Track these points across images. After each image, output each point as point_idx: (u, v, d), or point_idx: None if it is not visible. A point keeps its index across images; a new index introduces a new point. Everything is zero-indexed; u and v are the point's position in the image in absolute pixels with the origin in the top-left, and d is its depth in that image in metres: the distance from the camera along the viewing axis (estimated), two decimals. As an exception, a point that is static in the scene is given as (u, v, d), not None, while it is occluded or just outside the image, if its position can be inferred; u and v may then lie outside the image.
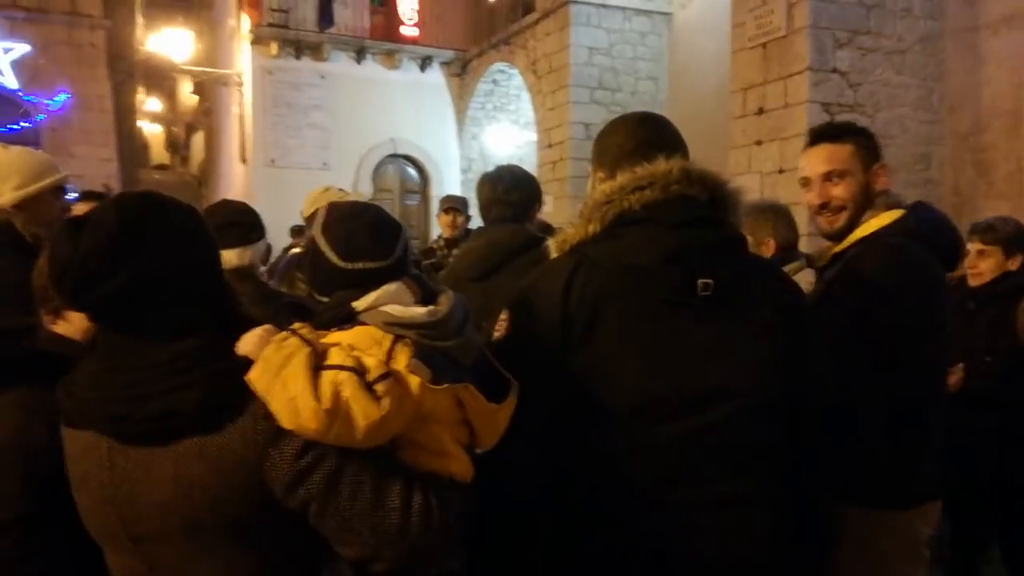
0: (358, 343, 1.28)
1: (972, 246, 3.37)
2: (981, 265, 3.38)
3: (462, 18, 14.29)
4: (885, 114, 7.56)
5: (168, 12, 26.70)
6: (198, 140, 25.89)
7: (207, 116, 21.78)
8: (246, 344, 1.26)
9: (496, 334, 1.59)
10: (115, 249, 1.19)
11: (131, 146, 24.39)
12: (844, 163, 2.13)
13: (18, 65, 17.52)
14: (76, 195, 12.18)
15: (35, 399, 1.47)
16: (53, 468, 1.35)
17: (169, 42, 14.69)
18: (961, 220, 7.47)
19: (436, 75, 14.51)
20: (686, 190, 1.52)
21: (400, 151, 14.38)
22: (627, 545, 1.48)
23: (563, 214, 10.05)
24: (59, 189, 2.50)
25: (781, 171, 7.56)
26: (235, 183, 15.20)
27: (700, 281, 1.48)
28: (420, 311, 1.34)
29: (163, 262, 1.23)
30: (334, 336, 1.31)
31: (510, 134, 14.54)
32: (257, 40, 13.23)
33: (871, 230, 2.09)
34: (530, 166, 13.20)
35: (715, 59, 9.75)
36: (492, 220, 2.64)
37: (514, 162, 14.40)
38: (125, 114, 22.47)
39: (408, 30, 14.09)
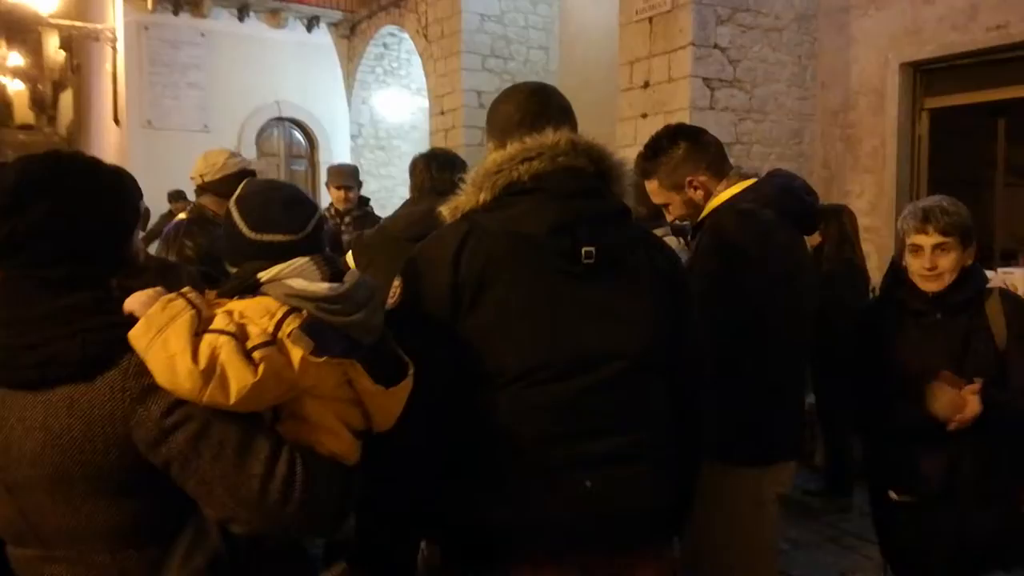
0: (249, 311, 1.32)
1: (923, 239, 2.44)
2: (942, 263, 2.45)
3: (350, -22, 13.92)
4: (762, 90, 7.87)
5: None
6: (67, 99, 24.34)
7: (76, 73, 20.49)
8: (133, 302, 1.29)
9: (390, 301, 1.62)
10: (41, 184, 1.25)
11: (-10, 103, 22.74)
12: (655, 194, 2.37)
13: None
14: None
15: None
16: None
17: (33, -8, 13.68)
18: (831, 193, 7.97)
19: (324, 36, 14.11)
20: (573, 161, 1.58)
21: (286, 114, 13.95)
22: (510, 506, 1.54)
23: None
24: None
25: (665, 143, 7.78)
26: (108, 146, 14.41)
27: (584, 249, 1.55)
28: (322, 286, 1.37)
29: (78, 207, 1.28)
30: (230, 304, 1.33)
31: (402, 100, 14.35)
32: (131, -7, 12.51)
33: (724, 199, 2.26)
34: (423, 133, 13.09)
35: (605, 31, 9.88)
36: (430, 191, 2.72)
37: (405, 128, 14.31)
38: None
39: (294, -11, 13.61)
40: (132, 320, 1.26)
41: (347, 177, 5.05)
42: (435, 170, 2.68)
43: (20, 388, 1.25)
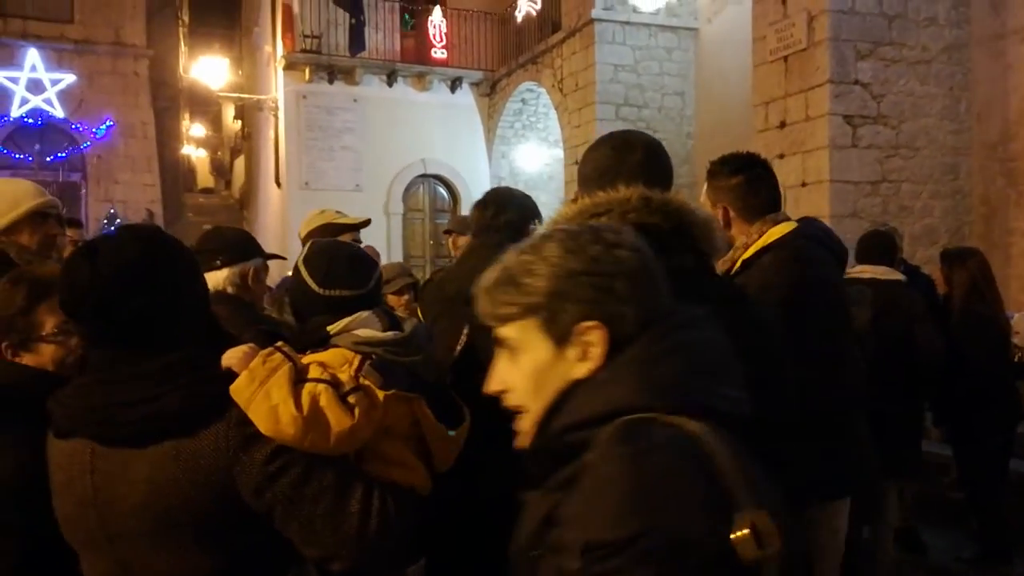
0: (330, 362, 1.42)
1: None
2: None
3: (490, 39, 14.44)
4: (910, 125, 7.46)
5: (210, 40, 27.44)
6: (240, 164, 26.45)
7: (247, 140, 22.25)
8: (231, 357, 1.37)
9: (458, 348, 1.65)
10: (135, 276, 1.31)
11: (175, 171, 25.08)
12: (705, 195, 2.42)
13: (65, 95, 18.13)
14: (117, 220, 12.43)
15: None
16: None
17: (207, 69, 15.07)
18: (992, 231, 7.40)
19: (466, 96, 14.66)
20: (644, 218, 1.54)
21: (430, 171, 14.54)
22: None
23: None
24: (41, 215, 2.57)
25: (804, 184, 7.50)
26: (271, 206, 15.50)
27: None
28: (387, 334, 1.50)
29: (172, 290, 1.36)
30: (309, 357, 1.42)
31: (539, 152, 14.62)
32: (291, 66, 13.52)
33: (774, 237, 2.26)
34: (559, 183, 13.26)
35: (741, 73, 9.72)
36: (480, 244, 2.68)
37: (543, 179, 14.55)
38: (168, 140, 23.12)
39: (438, 52, 14.27)
40: (226, 375, 1.33)
41: (453, 223, 5.39)
42: (490, 216, 2.63)
43: (121, 445, 1.32)
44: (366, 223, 3.31)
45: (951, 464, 4.72)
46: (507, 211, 2.68)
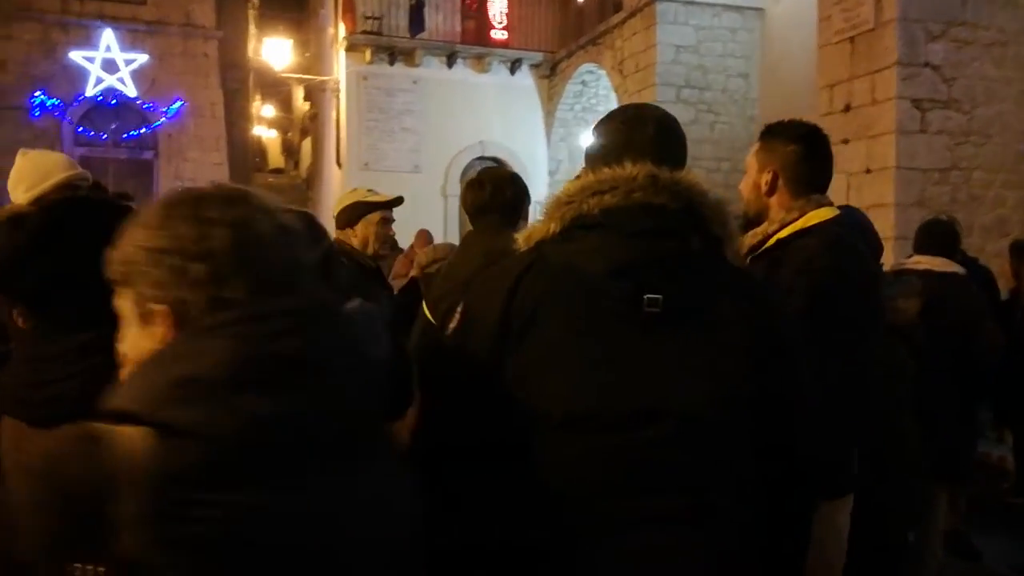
0: None
1: None
2: None
3: (551, 20, 14.29)
4: (984, 110, 7.09)
5: (279, 23, 27.81)
6: (307, 145, 26.82)
7: (314, 122, 22.54)
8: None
9: (451, 326, 1.59)
10: (36, 246, 1.26)
11: (244, 151, 25.57)
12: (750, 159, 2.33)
13: (137, 74, 18.62)
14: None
15: None
16: None
17: (272, 50, 15.29)
18: (1068, 223, 6.98)
19: (525, 77, 14.55)
20: (651, 198, 1.44)
21: (488, 153, 14.48)
22: (550, 562, 1.43)
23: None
24: (71, 187, 2.60)
25: (868, 171, 7.21)
26: (333, 186, 15.68)
27: (647, 296, 1.41)
28: None
29: (76, 263, 1.30)
30: None
31: (600, 135, 14.42)
32: (352, 47, 13.61)
33: (814, 221, 2.15)
34: (619, 167, 13.03)
35: (808, 55, 9.37)
36: (481, 227, 2.62)
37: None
38: (238, 121, 23.55)
39: (498, 34, 14.19)
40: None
41: None
42: (488, 196, 2.54)
43: (37, 426, 1.32)
44: (398, 201, 3.28)
45: (1008, 467, 4.49)
46: (504, 191, 2.62)
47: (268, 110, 35.06)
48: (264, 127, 35.18)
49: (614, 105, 12.91)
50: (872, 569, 3.05)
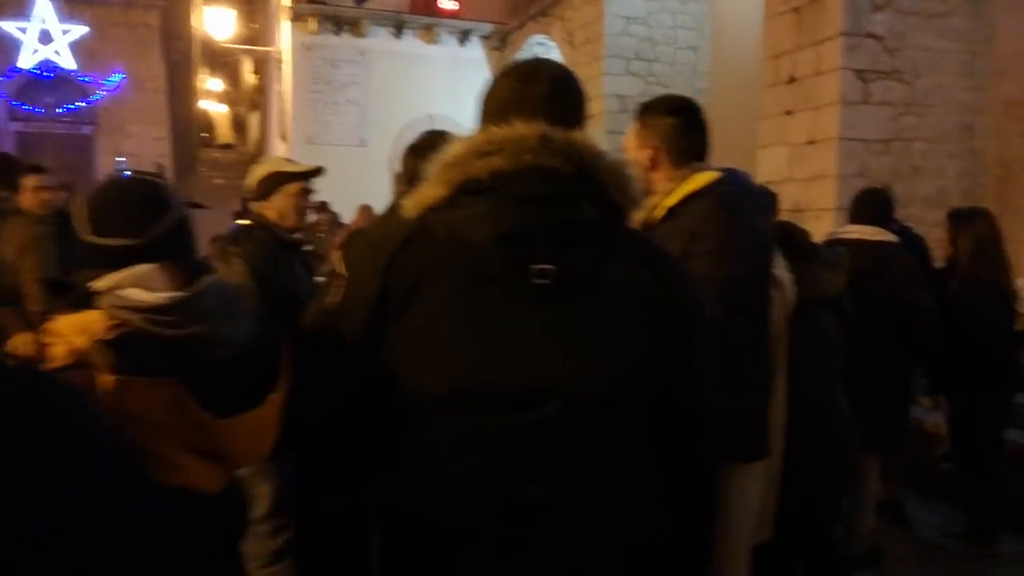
0: (66, 329, 1.17)
1: None
2: None
3: (501, -10, 14.08)
4: (926, 81, 7.11)
5: (227, -8, 27.08)
6: (254, 119, 26.26)
7: (261, 95, 22.05)
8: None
9: (329, 299, 1.46)
10: None
11: (189, 125, 24.94)
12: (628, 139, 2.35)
13: (76, 46, 18.01)
14: (127, 173, 12.32)
15: None
16: None
17: (215, 21, 14.83)
18: (1007, 193, 7.07)
19: (475, 49, 14.33)
20: (543, 160, 1.32)
21: (437, 127, 14.23)
22: (428, 547, 1.33)
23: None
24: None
25: (811, 142, 7.20)
26: (279, 160, 15.34)
27: (535, 267, 1.30)
28: (157, 296, 1.23)
29: None
30: (59, 321, 1.20)
31: (551, 108, 14.28)
32: (296, 17, 13.26)
33: (700, 184, 2.18)
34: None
35: (757, 27, 9.35)
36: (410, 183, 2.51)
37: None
38: (182, 94, 22.95)
39: (447, 4, 13.95)
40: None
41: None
42: (418, 159, 2.44)
43: None
44: (317, 172, 3.13)
45: (943, 434, 4.52)
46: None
47: (215, 83, 34.23)
48: (213, 101, 34.39)
49: (565, 78, 12.70)
50: (803, 539, 3.04)
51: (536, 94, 1.42)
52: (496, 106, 1.44)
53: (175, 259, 1.31)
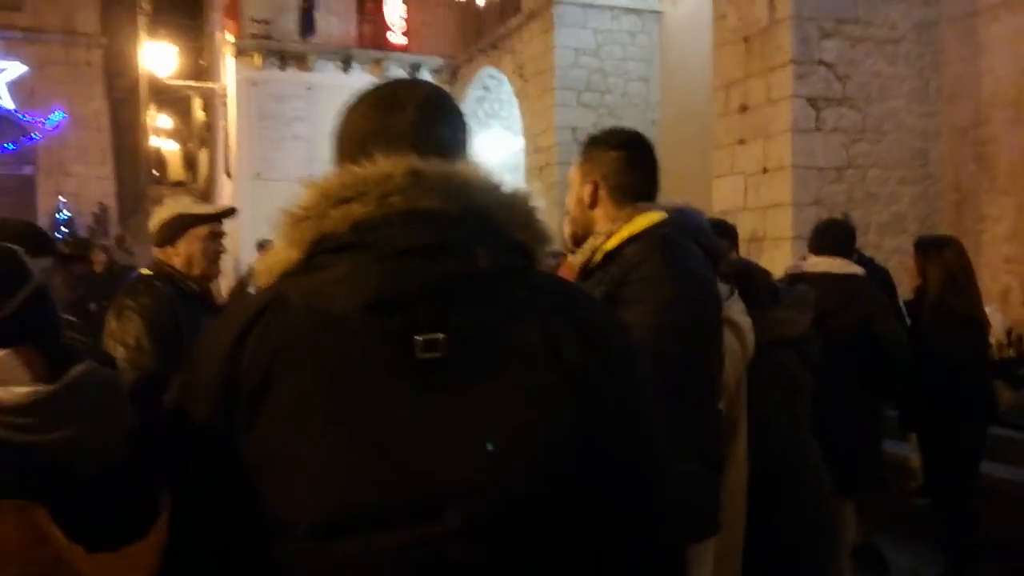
0: None
1: None
2: None
3: (450, 24, 13.94)
4: (878, 107, 7.06)
5: (173, 29, 26.61)
6: (204, 155, 25.79)
7: (209, 131, 21.64)
8: None
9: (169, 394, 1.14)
10: None
11: (135, 164, 24.33)
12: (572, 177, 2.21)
13: (14, 85, 17.51)
14: (66, 214, 11.83)
15: None
16: None
17: (157, 57, 14.46)
18: (963, 218, 6.99)
19: (426, 83, 14.15)
20: (416, 202, 1.02)
21: (389, 162, 14.01)
22: None
23: (552, 222, 9.55)
24: None
25: (765, 170, 7.08)
26: (224, 198, 14.92)
27: (420, 337, 1.01)
28: (15, 391, 0.93)
29: None
30: None
31: (503, 140, 14.13)
32: (241, 52, 12.97)
33: (641, 227, 1.99)
34: (523, 173, 12.79)
35: (706, 57, 9.31)
36: None
37: (508, 169, 14.07)
38: (128, 132, 22.40)
39: (396, 38, 13.76)
40: None
41: None
42: None
43: None
44: (228, 212, 2.82)
45: (914, 467, 4.32)
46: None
47: (165, 120, 33.63)
48: (163, 138, 33.74)
49: (518, 110, 12.69)
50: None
51: (401, 121, 1.11)
52: (352, 140, 1.14)
53: (35, 342, 1.01)
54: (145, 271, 2.74)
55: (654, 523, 1.18)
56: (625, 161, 2.08)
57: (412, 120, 1.11)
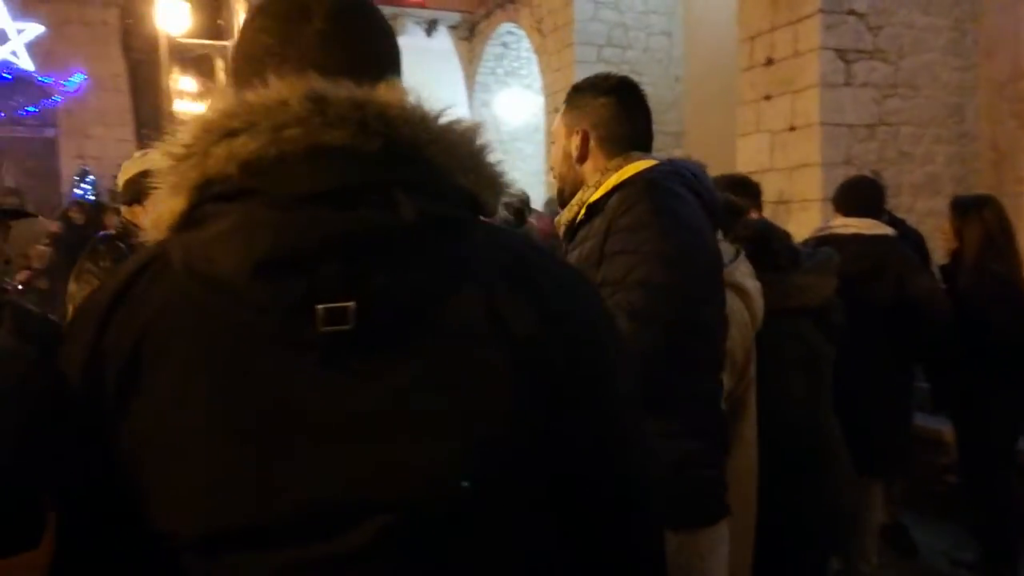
0: None
1: None
2: None
3: (468, -23, 13.56)
4: (911, 61, 6.67)
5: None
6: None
7: (228, 93, 21.46)
8: None
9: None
10: None
11: (158, 127, 24.24)
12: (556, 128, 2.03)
13: (32, 46, 17.38)
14: (89, 177, 11.70)
15: None
16: None
17: (168, 15, 14.23)
18: (1003, 178, 6.64)
19: (444, 40, 13.80)
20: (318, 137, 0.81)
21: (405, 121, 13.75)
22: None
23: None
24: None
25: (792, 128, 6.75)
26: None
27: (322, 307, 0.80)
28: None
29: None
30: None
31: (524, 100, 13.80)
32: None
33: (632, 172, 1.80)
34: (544, 134, 12.49)
35: (732, 9, 8.91)
36: None
37: (528, 130, 13.76)
38: (148, 94, 22.24)
39: (412, -7, 13.41)
40: None
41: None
42: None
43: None
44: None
45: (946, 442, 4.08)
46: None
47: (188, 83, 33.47)
48: (187, 100, 33.62)
49: (536, 68, 12.34)
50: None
51: (306, 34, 0.89)
52: (249, 60, 0.91)
53: None
54: (109, 231, 2.56)
55: (635, 522, 0.98)
56: (616, 108, 1.90)
57: (319, 32, 0.88)
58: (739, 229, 2.45)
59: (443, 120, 0.89)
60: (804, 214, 6.58)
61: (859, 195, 3.51)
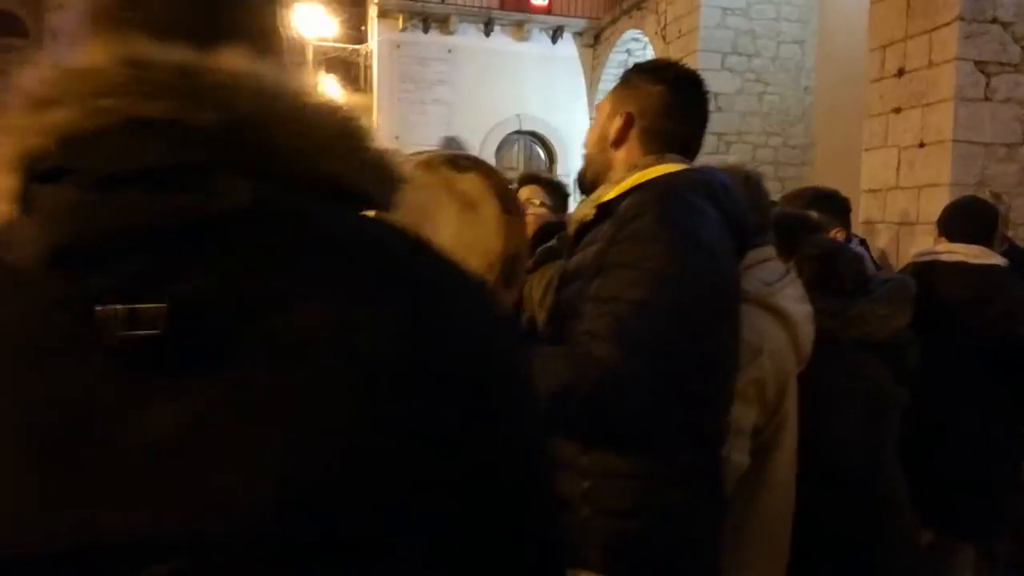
0: None
1: None
2: None
3: (595, -16, 13.44)
4: (1063, 74, 6.05)
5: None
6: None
7: (356, 94, 22.21)
8: None
9: None
10: None
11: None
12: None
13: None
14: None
15: None
16: None
17: (304, 18, 14.80)
18: None
19: (568, 46, 13.73)
20: (134, 108, 0.72)
21: (526, 127, 13.78)
22: None
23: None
24: None
25: (921, 144, 6.25)
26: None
27: (120, 307, 0.69)
28: None
29: None
30: None
31: (646, 109, 13.54)
32: (384, 13, 13.03)
33: (651, 177, 1.58)
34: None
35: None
36: None
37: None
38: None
39: (538, 0, 13.42)
40: None
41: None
42: None
43: None
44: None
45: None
46: None
47: (330, 82, 35.01)
48: (330, 102, 35.08)
49: (660, 76, 11.98)
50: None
51: None
52: (93, 20, 0.81)
53: None
54: None
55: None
56: (670, 99, 1.69)
57: None
58: (806, 247, 2.21)
59: (306, 98, 0.77)
60: (929, 239, 6.05)
61: (969, 218, 3.16)
